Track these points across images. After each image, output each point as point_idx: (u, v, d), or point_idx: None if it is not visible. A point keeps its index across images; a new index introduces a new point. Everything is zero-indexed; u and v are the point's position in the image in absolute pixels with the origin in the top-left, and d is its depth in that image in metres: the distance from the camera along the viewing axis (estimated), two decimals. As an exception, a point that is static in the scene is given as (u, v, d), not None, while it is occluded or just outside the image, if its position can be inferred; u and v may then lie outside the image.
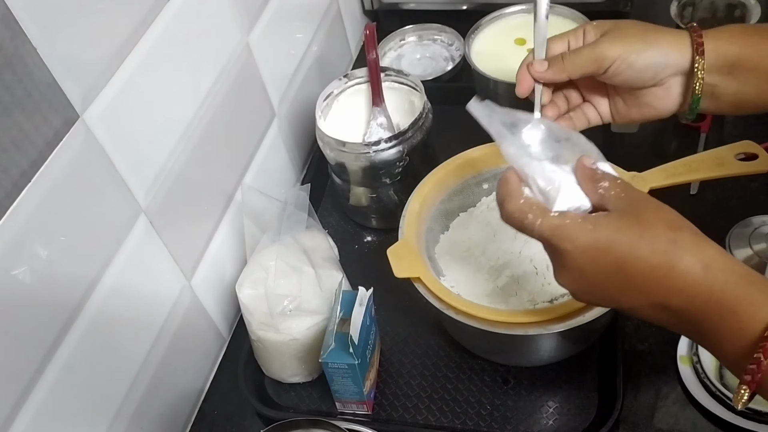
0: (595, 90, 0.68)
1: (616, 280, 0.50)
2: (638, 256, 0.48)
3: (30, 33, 0.52)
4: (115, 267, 0.65)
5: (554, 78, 0.65)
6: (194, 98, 0.75)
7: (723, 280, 0.47)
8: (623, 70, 0.62)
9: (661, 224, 0.49)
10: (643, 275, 0.49)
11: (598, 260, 0.50)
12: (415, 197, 0.78)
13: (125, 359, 0.68)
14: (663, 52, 0.62)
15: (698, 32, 0.62)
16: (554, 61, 0.64)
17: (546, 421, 0.72)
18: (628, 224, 0.50)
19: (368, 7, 1.20)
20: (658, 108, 0.66)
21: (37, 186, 0.54)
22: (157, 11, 0.67)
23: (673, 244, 0.48)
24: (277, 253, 0.75)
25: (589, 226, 0.50)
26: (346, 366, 0.69)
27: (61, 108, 0.57)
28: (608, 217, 0.51)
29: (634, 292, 0.50)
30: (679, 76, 0.63)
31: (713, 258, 0.48)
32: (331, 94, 0.91)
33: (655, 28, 0.64)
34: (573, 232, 0.50)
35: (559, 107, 0.68)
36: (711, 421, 0.69)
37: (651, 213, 0.50)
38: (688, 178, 0.72)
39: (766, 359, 0.44)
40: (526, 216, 0.52)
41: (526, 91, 0.66)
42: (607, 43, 0.62)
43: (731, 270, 0.47)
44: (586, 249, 0.50)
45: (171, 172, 0.72)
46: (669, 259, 0.48)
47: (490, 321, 0.66)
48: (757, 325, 0.45)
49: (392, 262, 0.71)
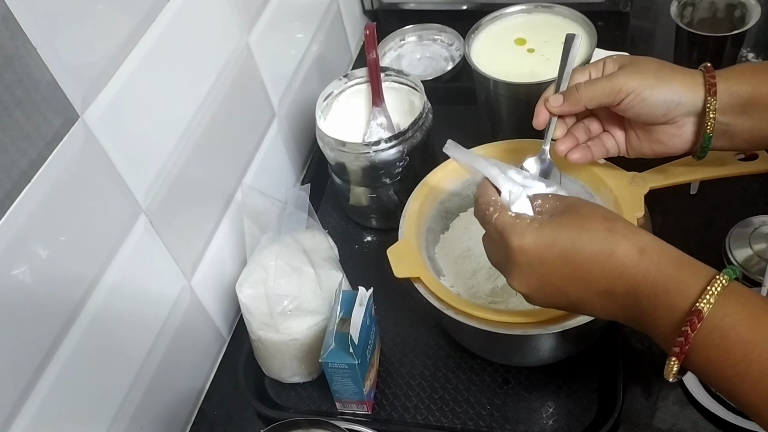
0: (614, 121, 0.70)
1: (563, 273, 0.54)
2: (580, 246, 0.53)
3: (30, 33, 0.52)
4: (115, 267, 0.65)
5: (569, 110, 0.68)
6: (194, 98, 0.75)
7: (656, 261, 0.51)
8: (636, 104, 0.64)
9: (598, 216, 0.54)
10: (587, 263, 0.53)
11: (544, 255, 0.54)
12: (415, 197, 0.78)
13: (125, 359, 0.68)
14: (676, 90, 0.63)
15: (711, 72, 0.63)
16: (570, 93, 0.67)
17: (546, 421, 0.72)
18: (569, 220, 0.55)
19: (368, 7, 1.20)
20: (670, 146, 0.67)
21: (37, 186, 0.54)
22: (157, 11, 0.67)
23: (610, 232, 0.53)
24: (277, 253, 0.75)
25: (536, 224, 0.56)
26: (346, 366, 0.69)
27: (61, 108, 0.57)
28: (551, 218, 0.56)
29: (581, 282, 0.54)
30: (692, 116, 0.65)
31: (647, 242, 0.52)
32: (331, 94, 0.91)
33: (671, 66, 0.65)
34: (521, 229, 0.56)
35: (577, 138, 0.70)
36: (711, 421, 0.69)
37: (587, 209, 0.56)
38: (688, 178, 0.72)
39: (693, 332, 0.47)
40: (489, 208, 0.58)
41: (541, 124, 0.69)
42: (623, 77, 0.64)
43: (664, 253, 0.51)
44: (533, 245, 0.55)
45: (171, 172, 0.72)
46: (608, 246, 0.52)
47: (490, 321, 0.66)
48: (686, 301, 0.48)
49: (392, 262, 0.71)
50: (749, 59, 1.01)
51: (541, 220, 0.56)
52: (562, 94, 0.67)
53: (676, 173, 0.72)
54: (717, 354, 0.47)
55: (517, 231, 0.56)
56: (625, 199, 0.71)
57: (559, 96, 0.67)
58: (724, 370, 0.47)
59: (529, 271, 0.56)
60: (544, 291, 0.57)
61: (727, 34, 0.91)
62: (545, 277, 0.55)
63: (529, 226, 0.55)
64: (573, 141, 0.70)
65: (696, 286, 0.48)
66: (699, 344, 0.48)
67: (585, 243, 0.53)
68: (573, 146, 0.69)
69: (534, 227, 0.55)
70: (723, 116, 0.63)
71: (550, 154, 0.70)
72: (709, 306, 0.47)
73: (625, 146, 0.70)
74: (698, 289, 0.48)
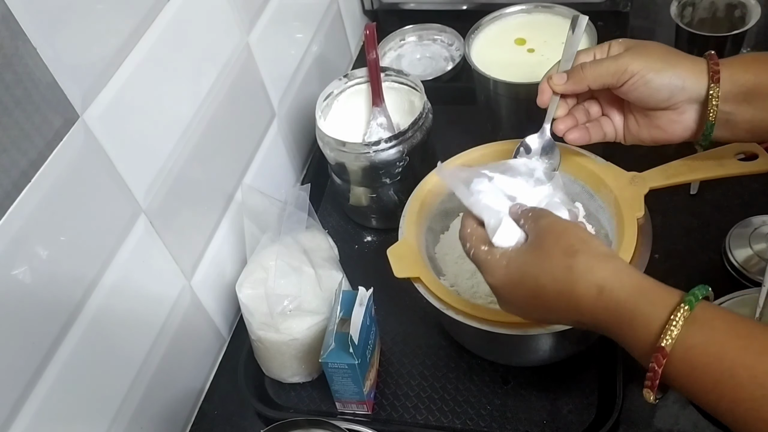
0: (614, 105, 0.70)
1: (536, 305, 0.57)
2: (543, 285, 0.55)
3: (30, 33, 0.52)
4: (115, 267, 0.65)
5: (573, 89, 0.67)
6: (194, 98, 0.75)
7: (615, 298, 0.51)
8: (639, 87, 0.64)
9: (558, 253, 0.55)
10: (553, 300, 0.55)
11: (515, 292, 0.57)
12: (415, 197, 0.78)
13: (125, 359, 0.68)
14: (680, 75, 0.63)
15: (715, 60, 0.63)
16: (574, 71, 0.67)
17: (546, 421, 0.72)
18: (533, 257, 0.56)
19: (368, 7, 1.20)
20: (669, 132, 0.67)
21: (37, 186, 0.54)
22: (157, 11, 0.67)
23: (569, 271, 0.53)
24: (277, 253, 0.75)
25: (503, 262, 0.57)
26: (346, 366, 0.69)
27: (61, 108, 0.57)
28: (518, 252, 0.57)
29: (554, 312, 0.56)
30: (694, 103, 0.64)
31: (605, 279, 0.52)
32: (331, 94, 0.91)
33: (677, 52, 0.65)
34: (491, 268, 0.58)
35: (576, 119, 0.70)
36: (711, 421, 0.69)
37: (551, 240, 0.56)
38: (688, 178, 0.72)
39: (660, 367, 0.48)
40: (466, 243, 0.61)
41: (544, 102, 0.69)
42: (628, 58, 0.64)
43: (622, 287, 0.51)
44: (504, 284, 0.57)
45: (171, 172, 0.72)
46: (567, 287, 0.53)
47: (490, 321, 0.66)
48: (650, 336, 0.49)
49: (392, 262, 0.71)
50: (749, 59, 1.01)
51: (510, 256, 0.57)
52: (566, 73, 0.67)
53: (676, 173, 0.72)
54: (688, 383, 0.48)
55: (488, 269, 0.58)
56: (625, 199, 0.71)
57: (563, 74, 0.67)
58: (699, 396, 0.48)
59: (508, 302, 0.59)
60: (531, 315, 0.60)
61: (727, 34, 0.91)
62: (524, 307, 0.58)
63: (497, 264, 0.57)
64: (572, 121, 0.69)
65: (658, 321, 0.49)
66: (669, 375, 0.48)
67: (547, 283, 0.54)
68: (572, 126, 0.69)
69: (502, 266, 0.57)
70: (725, 104, 0.62)
71: (550, 133, 0.70)
72: (671, 341, 0.47)
73: (622, 132, 0.70)
74: (660, 323, 0.48)
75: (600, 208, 0.75)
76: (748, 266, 0.77)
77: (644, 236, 0.69)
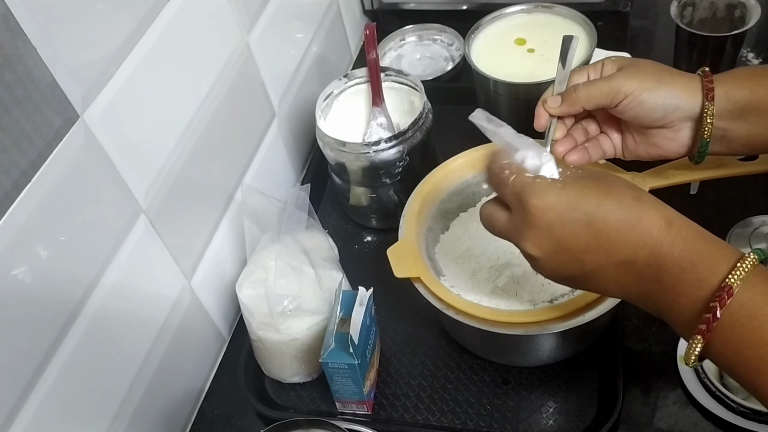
0: (611, 123, 0.70)
1: (583, 237, 0.52)
2: (606, 210, 0.51)
3: (30, 33, 0.52)
4: (115, 267, 0.65)
5: (568, 111, 0.67)
6: (194, 98, 0.75)
7: (684, 234, 0.50)
8: (633, 107, 0.64)
9: (625, 186, 0.53)
10: (611, 229, 0.51)
11: (566, 216, 0.52)
12: (415, 197, 0.78)
13: (125, 359, 0.68)
14: (674, 94, 0.63)
15: (709, 77, 0.63)
16: (568, 94, 0.67)
17: (546, 421, 0.72)
18: (595, 184, 0.53)
19: (368, 7, 1.20)
20: (666, 149, 0.67)
21: (37, 186, 0.54)
22: (157, 11, 0.67)
23: (638, 200, 0.51)
24: (277, 253, 0.75)
25: (558, 184, 0.53)
26: (346, 366, 0.69)
27: (61, 108, 0.57)
28: (575, 179, 0.54)
29: (601, 250, 0.52)
30: (689, 121, 0.65)
31: (675, 215, 0.51)
32: (331, 94, 0.91)
33: (670, 70, 0.65)
34: (542, 188, 0.53)
35: (575, 140, 0.70)
36: (711, 421, 0.69)
37: (613, 178, 0.54)
38: (688, 178, 0.73)
39: (722, 308, 0.46)
40: (503, 171, 0.55)
41: (542, 126, 0.68)
42: (621, 78, 0.64)
43: (691, 227, 0.50)
44: (554, 205, 0.52)
45: (171, 172, 0.72)
46: (635, 213, 0.51)
47: (490, 321, 0.66)
48: (715, 277, 0.47)
49: (392, 262, 0.71)
50: (749, 59, 1.01)
51: (564, 181, 0.53)
52: (561, 95, 0.67)
53: (676, 174, 0.72)
54: (741, 334, 0.46)
55: (536, 190, 0.53)
56: (625, 199, 0.71)
57: (558, 97, 0.67)
58: (746, 352, 0.46)
59: (546, 233, 0.53)
60: (559, 256, 0.54)
61: (727, 34, 0.91)
62: (563, 240, 0.52)
63: (550, 185, 0.53)
64: (572, 142, 0.70)
65: (725, 263, 0.47)
66: (725, 323, 0.46)
67: (611, 208, 0.51)
68: (571, 147, 0.69)
69: (557, 187, 0.53)
70: (720, 121, 0.63)
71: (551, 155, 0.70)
72: (739, 282, 0.46)
73: (621, 148, 0.70)
74: (727, 265, 0.47)
75: (600, 208, 0.75)
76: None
77: (644, 236, 0.69)
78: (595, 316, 0.64)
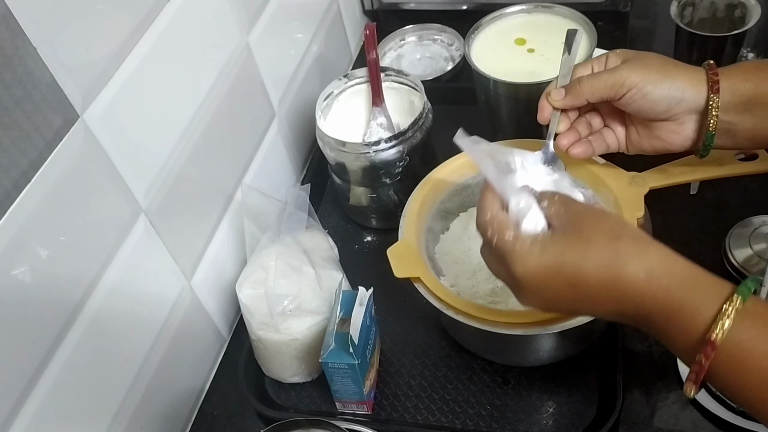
0: (615, 116, 0.70)
1: (570, 296, 0.53)
2: (586, 273, 0.51)
3: (30, 33, 0.52)
4: (115, 267, 0.65)
5: (572, 103, 0.67)
6: (194, 98, 0.75)
7: (665, 285, 0.49)
8: (637, 99, 0.63)
9: (603, 237, 0.51)
10: (593, 290, 0.51)
11: (549, 281, 0.53)
12: (415, 197, 0.78)
13: (125, 359, 0.68)
14: (679, 86, 0.63)
15: (714, 70, 0.63)
16: (572, 86, 0.67)
17: (546, 421, 0.72)
18: (572, 243, 0.52)
19: (368, 7, 1.20)
20: (670, 143, 0.67)
21: (37, 186, 0.54)
22: (157, 11, 0.67)
23: (616, 256, 0.50)
24: (277, 253, 0.75)
25: (537, 250, 0.53)
26: (346, 366, 0.69)
27: (61, 108, 0.57)
28: (553, 238, 0.53)
29: (590, 303, 0.53)
30: (694, 114, 0.64)
31: (655, 264, 0.50)
32: (331, 94, 0.91)
33: (675, 63, 0.65)
34: (522, 258, 0.53)
35: (579, 132, 0.70)
36: (711, 421, 0.69)
37: (591, 226, 0.52)
38: (688, 178, 0.72)
39: (707, 361, 0.46)
40: (487, 230, 0.56)
41: (545, 119, 0.68)
42: (626, 71, 0.64)
43: (672, 274, 0.49)
44: (536, 273, 0.53)
45: (171, 172, 0.72)
46: (614, 273, 0.50)
47: (490, 321, 0.66)
48: (699, 328, 0.47)
49: (392, 262, 0.71)
50: (749, 59, 1.01)
51: (543, 242, 0.53)
52: (564, 88, 0.67)
53: (676, 173, 0.72)
54: (735, 379, 0.46)
55: (518, 258, 0.53)
56: (625, 199, 0.71)
57: (561, 90, 0.67)
58: (744, 393, 0.46)
59: (535, 294, 0.54)
60: (554, 308, 0.57)
61: (727, 34, 0.91)
62: (553, 299, 0.54)
63: (530, 252, 0.53)
64: (575, 135, 0.69)
65: (708, 311, 0.46)
66: (715, 370, 0.47)
67: (590, 269, 0.51)
68: (575, 141, 0.69)
69: (535, 254, 0.52)
70: (725, 114, 0.62)
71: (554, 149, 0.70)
72: (722, 334, 0.45)
73: (624, 142, 0.70)
74: (711, 314, 0.46)
75: (600, 208, 0.75)
76: (748, 266, 0.77)
77: (644, 236, 0.69)
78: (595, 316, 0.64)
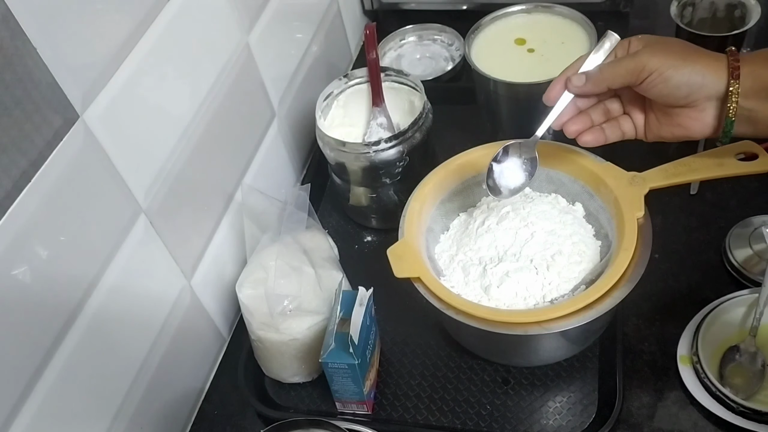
0: (635, 103, 0.69)
1: None
2: None
3: (30, 33, 0.52)
4: (115, 267, 0.65)
5: (593, 90, 0.66)
6: (194, 98, 0.75)
7: None
8: (658, 84, 0.63)
9: None
10: None
11: None
12: (415, 197, 0.78)
13: (125, 359, 0.68)
14: (700, 72, 0.63)
15: (735, 56, 0.63)
16: (593, 73, 0.66)
17: (546, 421, 0.72)
18: None
19: (368, 7, 1.20)
20: (690, 129, 0.66)
21: (37, 186, 0.54)
22: (157, 11, 0.67)
23: None
24: (277, 253, 0.75)
25: None
26: (346, 366, 0.69)
27: (61, 108, 0.57)
28: None
29: None
30: (714, 100, 0.64)
31: None
32: (331, 94, 0.91)
33: (696, 48, 0.65)
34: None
35: (591, 119, 0.69)
36: (711, 421, 0.69)
37: None
38: (688, 178, 0.72)
39: None
40: None
41: (552, 98, 0.67)
42: (647, 55, 0.63)
43: None
44: None
45: (171, 172, 0.72)
46: None
47: (490, 321, 0.66)
48: None
49: (392, 262, 0.71)
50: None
51: None
52: (585, 74, 0.66)
53: (676, 173, 0.72)
54: None
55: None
56: (625, 199, 0.71)
57: (582, 75, 0.66)
58: None
59: None
60: None
61: (727, 34, 0.91)
62: None
63: None
64: (586, 122, 0.68)
65: None
66: None
67: None
68: (585, 128, 0.68)
69: None
70: (746, 101, 0.62)
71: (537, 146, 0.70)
72: None
73: (643, 129, 0.69)
74: None
75: (600, 208, 0.75)
76: (748, 266, 0.77)
77: (644, 236, 0.69)
78: (595, 316, 0.64)
